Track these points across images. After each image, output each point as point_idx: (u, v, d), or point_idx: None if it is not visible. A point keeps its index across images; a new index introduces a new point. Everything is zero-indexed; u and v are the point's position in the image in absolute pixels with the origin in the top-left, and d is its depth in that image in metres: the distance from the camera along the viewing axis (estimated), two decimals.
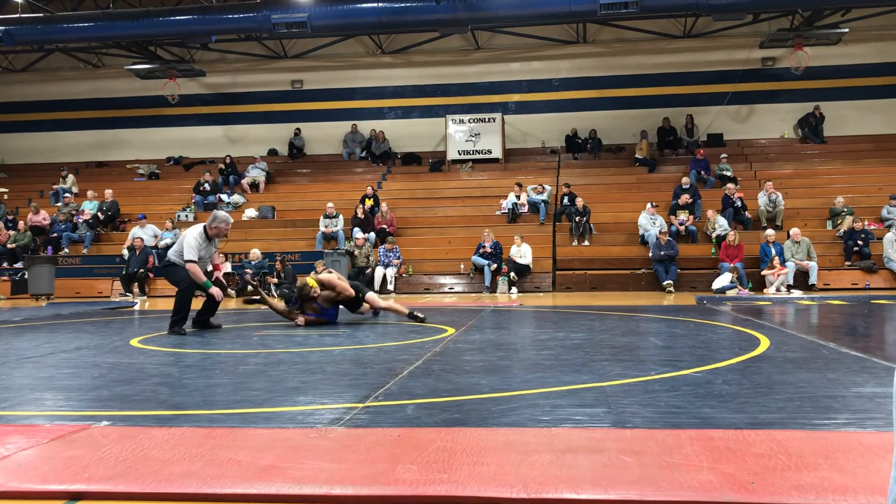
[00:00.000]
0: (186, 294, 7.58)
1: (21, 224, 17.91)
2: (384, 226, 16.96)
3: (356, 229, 16.70)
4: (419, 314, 8.38)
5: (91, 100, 23.71)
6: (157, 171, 22.54)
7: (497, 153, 21.07)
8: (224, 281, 8.25)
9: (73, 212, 18.68)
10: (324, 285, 8.06)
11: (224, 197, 19.95)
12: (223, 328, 8.03)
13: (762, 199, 16.64)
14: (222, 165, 21.15)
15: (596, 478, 2.46)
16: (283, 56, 22.93)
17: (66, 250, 17.61)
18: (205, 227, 7.61)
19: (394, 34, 21.88)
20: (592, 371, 4.69)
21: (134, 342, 6.77)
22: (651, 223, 16.04)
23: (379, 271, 15.62)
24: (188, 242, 7.46)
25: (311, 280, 8.01)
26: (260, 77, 23.15)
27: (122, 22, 17.47)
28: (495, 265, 15.41)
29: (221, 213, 7.75)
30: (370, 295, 8.73)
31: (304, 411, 3.62)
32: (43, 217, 18.47)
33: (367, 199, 17.96)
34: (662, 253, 14.95)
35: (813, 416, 3.36)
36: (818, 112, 20.58)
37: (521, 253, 15.45)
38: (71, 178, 20.90)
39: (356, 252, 15.99)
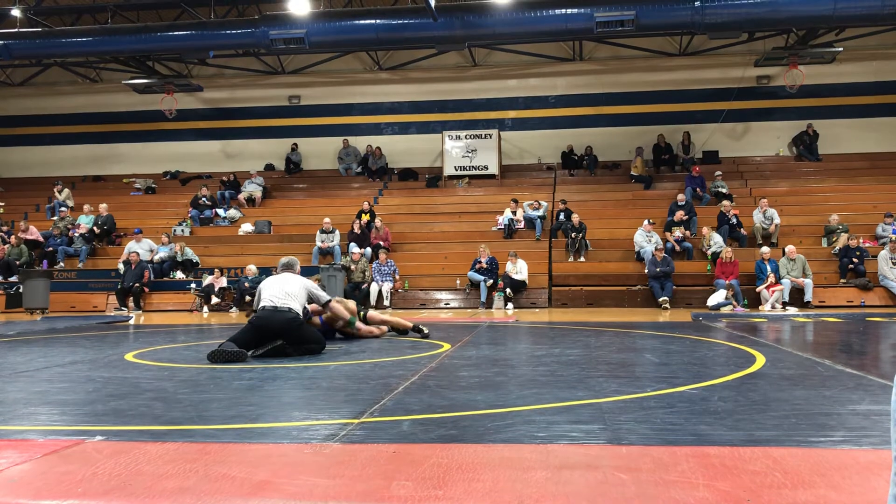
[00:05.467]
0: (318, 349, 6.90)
1: (13, 238, 17.86)
2: (379, 241, 16.95)
3: (352, 244, 16.70)
4: (423, 328, 8.48)
5: (88, 114, 23.76)
6: (153, 185, 22.55)
7: (493, 169, 21.15)
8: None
9: (69, 226, 18.66)
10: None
11: (221, 212, 19.97)
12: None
13: (757, 216, 16.70)
14: (225, 178, 21.18)
15: (592, 495, 2.45)
16: (281, 71, 23.02)
17: (62, 264, 17.57)
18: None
19: (391, 51, 21.99)
20: (588, 387, 4.69)
21: (129, 357, 6.74)
22: (647, 240, 16.06)
23: (373, 287, 15.59)
24: (314, 285, 7.26)
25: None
26: (257, 92, 23.23)
27: (120, 37, 17.51)
28: (491, 281, 15.41)
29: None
30: (371, 313, 8.80)
31: (299, 427, 3.60)
32: (32, 233, 18.39)
33: (363, 215, 17.97)
34: (658, 269, 14.97)
35: (809, 433, 3.35)
36: (811, 130, 20.70)
37: (518, 269, 15.46)
38: (66, 191, 20.90)
39: (352, 267, 15.98)
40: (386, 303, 15.49)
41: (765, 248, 15.08)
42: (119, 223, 19.23)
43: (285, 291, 6.85)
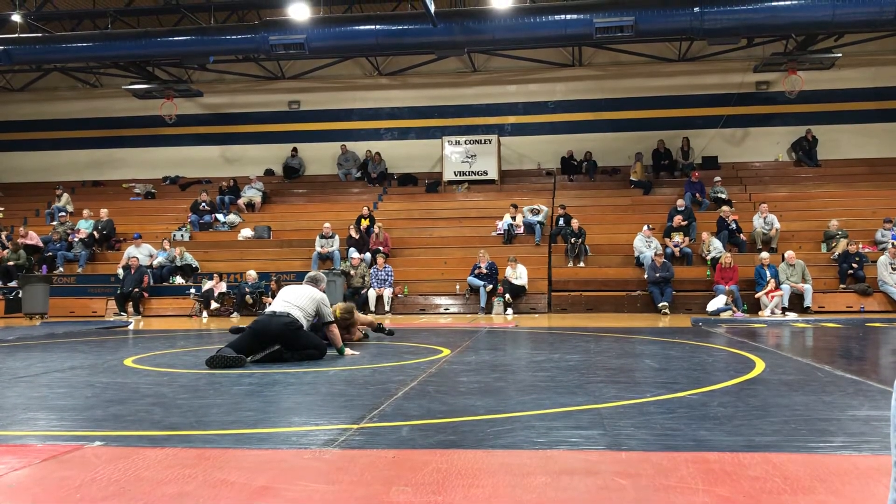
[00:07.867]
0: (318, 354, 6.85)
1: (13, 244, 17.84)
2: (379, 247, 16.95)
3: (352, 249, 16.69)
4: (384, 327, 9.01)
5: (88, 119, 23.80)
6: (153, 190, 22.56)
7: (493, 174, 21.17)
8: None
9: (69, 231, 18.66)
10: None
11: (220, 217, 19.97)
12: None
13: (757, 221, 16.70)
14: (224, 184, 21.19)
15: (591, 500, 2.45)
16: (281, 77, 23.06)
17: (61, 269, 17.56)
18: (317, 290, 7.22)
19: (391, 56, 22.03)
20: (588, 393, 4.68)
21: (128, 362, 6.74)
22: (646, 245, 16.06)
23: (372, 293, 15.57)
24: (327, 302, 7.15)
25: (337, 311, 7.98)
26: (257, 98, 23.26)
27: (120, 42, 17.53)
28: (491, 286, 15.40)
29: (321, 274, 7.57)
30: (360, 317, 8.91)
31: (299, 432, 3.60)
32: (32, 238, 18.37)
33: (363, 220, 17.98)
34: (658, 275, 14.97)
35: (808, 438, 3.35)
36: (810, 135, 20.74)
37: (517, 274, 15.45)
38: (66, 196, 20.90)
39: (352, 272, 15.97)
40: (386, 308, 15.49)
41: (764, 254, 15.08)
42: (119, 228, 19.23)
43: (290, 300, 6.88)
